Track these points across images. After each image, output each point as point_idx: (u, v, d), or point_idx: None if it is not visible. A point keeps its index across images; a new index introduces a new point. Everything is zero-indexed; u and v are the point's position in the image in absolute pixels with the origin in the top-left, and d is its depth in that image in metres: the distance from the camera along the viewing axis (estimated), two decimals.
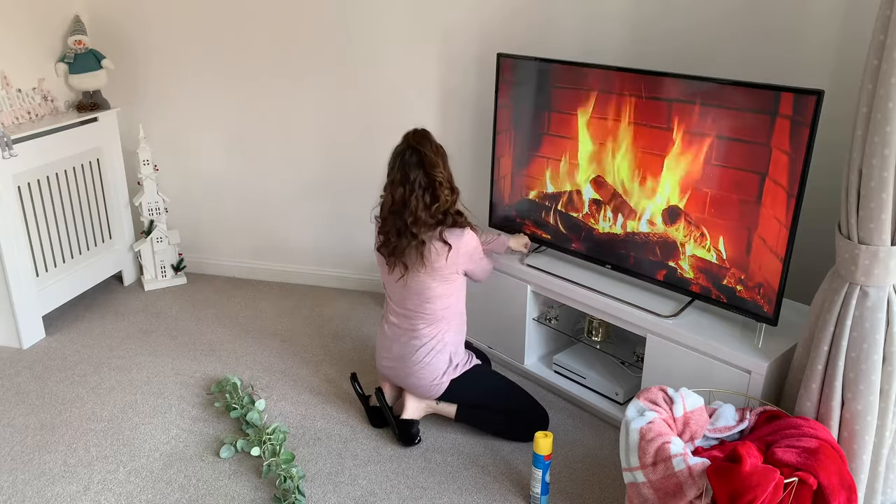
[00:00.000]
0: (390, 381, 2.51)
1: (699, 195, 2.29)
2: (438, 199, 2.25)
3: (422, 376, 2.36)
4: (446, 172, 2.29)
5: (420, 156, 2.23)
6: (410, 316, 2.36)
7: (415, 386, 2.39)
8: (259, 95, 3.39)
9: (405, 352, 2.37)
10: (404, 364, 2.38)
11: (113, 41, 3.44)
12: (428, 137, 2.30)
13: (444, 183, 2.26)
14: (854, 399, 1.89)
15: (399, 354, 2.39)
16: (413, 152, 2.24)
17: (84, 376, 2.83)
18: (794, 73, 2.39)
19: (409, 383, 2.40)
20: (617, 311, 2.44)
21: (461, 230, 2.29)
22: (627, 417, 1.92)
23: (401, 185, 2.25)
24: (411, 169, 2.23)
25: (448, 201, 2.27)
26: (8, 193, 2.86)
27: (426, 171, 2.24)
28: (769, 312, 2.16)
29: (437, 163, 2.25)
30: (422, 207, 2.23)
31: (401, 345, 2.38)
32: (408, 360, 2.36)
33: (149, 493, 2.22)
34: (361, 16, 3.14)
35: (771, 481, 1.65)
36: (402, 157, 2.26)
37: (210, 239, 3.73)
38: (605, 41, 2.77)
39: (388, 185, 2.30)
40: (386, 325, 2.44)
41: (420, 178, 2.23)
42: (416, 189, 2.23)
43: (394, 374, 2.44)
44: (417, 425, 2.44)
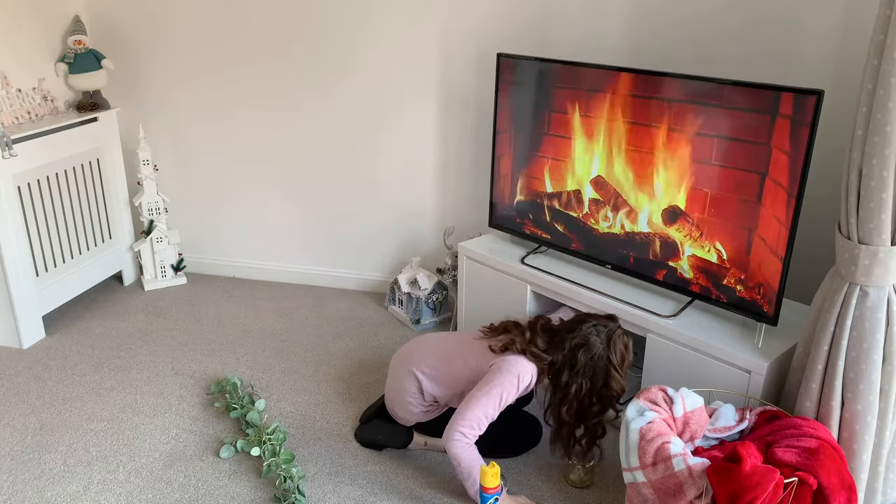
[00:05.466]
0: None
1: (699, 195, 2.29)
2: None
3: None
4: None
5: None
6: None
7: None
8: (259, 95, 3.39)
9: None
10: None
11: (113, 41, 3.45)
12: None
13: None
14: (854, 399, 1.89)
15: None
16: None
17: (84, 376, 2.83)
18: (794, 73, 2.40)
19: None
20: (617, 311, 2.44)
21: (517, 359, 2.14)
22: (627, 417, 1.92)
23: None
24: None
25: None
26: (8, 193, 2.86)
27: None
28: (769, 312, 2.16)
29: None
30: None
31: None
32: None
33: (149, 493, 2.22)
34: (361, 16, 3.14)
35: (771, 481, 1.65)
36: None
37: (210, 239, 3.73)
38: (605, 41, 2.77)
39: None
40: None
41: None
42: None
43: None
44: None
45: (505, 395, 2.10)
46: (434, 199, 3.35)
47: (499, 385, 2.10)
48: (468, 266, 2.93)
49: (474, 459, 2.11)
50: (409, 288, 3.23)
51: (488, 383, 2.12)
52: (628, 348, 2.15)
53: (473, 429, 2.10)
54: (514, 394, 2.11)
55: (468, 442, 2.10)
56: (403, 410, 2.35)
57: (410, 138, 3.28)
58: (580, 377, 2.10)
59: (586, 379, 2.11)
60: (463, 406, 2.12)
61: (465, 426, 2.09)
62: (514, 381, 2.10)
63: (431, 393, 2.29)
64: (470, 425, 2.09)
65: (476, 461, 2.10)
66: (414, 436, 2.38)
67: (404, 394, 2.32)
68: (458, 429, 2.09)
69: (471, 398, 2.12)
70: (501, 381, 2.10)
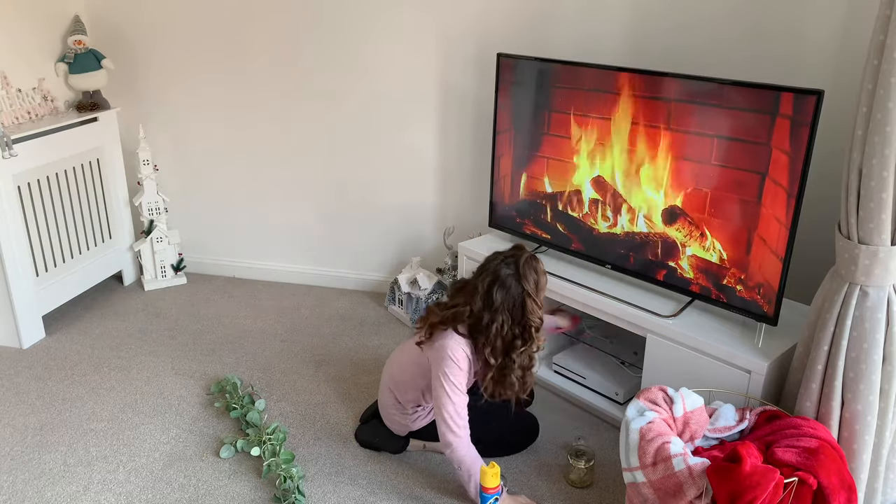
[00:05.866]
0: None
1: (699, 195, 2.29)
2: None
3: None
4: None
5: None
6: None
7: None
8: (259, 95, 3.39)
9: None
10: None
11: (113, 41, 3.45)
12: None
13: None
14: (854, 399, 1.89)
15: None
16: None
17: (84, 376, 2.83)
18: (795, 73, 2.40)
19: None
20: (617, 311, 2.44)
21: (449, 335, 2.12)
22: (627, 417, 1.92)
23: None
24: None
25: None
26: (8, 193, 2.86)
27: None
28: (769, 312, 2.16)
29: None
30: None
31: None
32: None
33: (149, 493, 2.22)
34: (361, 15, 3.14)
35: (771, 481, 1.65)
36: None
37: (210, 239, 3.73)
38: (605, 41, 2.77)
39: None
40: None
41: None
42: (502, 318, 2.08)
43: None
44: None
45: (453, 380, 2.09)
46: (434, 200, 3.35)
47: (441, 374, 2.09)
48: (468, 266, 2.93)
49: (474, 461, 2.11)
50: (409, 288, 3.23)
51: (434, 378, 2.12)
52: (539, 272, 2.12)
53: (455, 422, 2.09)
54: (459, 373, 2.09)
55: (461, 440, 2.10)
56: (392, 422, 2.38)
57: (411, 138, 3.28)
58: (500, 314, 2.07)
59: (506, 314, 2.07)
60: (435, 410, 2.15)
61: (448, 425, 2.10)
62: (449, 363, 2.09)
63: (407, 400, 2.31)
64: (451, 422, 2.09)
65: (476, 463, 2.11)
66: (410, 442, 2.39)
67: (388, 407, 2.36)
68: (445, 431, 2.10)
69: (434, 400, 2.14)
70: (441, 369, 2.10)
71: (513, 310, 2.08)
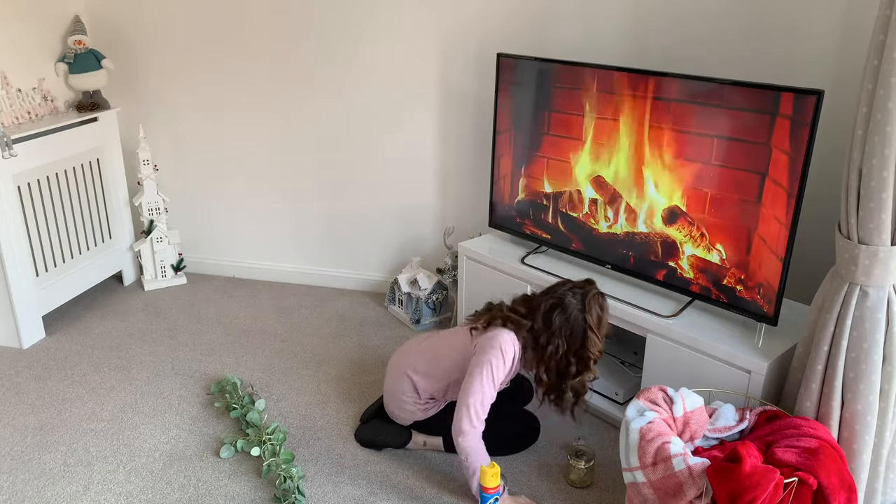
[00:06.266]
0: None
1: (699, 195, 2.29)
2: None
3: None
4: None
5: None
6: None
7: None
8: (259, 94, 3.39)
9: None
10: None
11: (113, 41, 3.45)
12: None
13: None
14: (854, 399, 1.89)
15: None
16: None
17: (84, 376, 2.83)
18: (795, 73, 2.40)
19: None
20: (617, 311, 2.44)
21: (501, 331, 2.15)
22: (627, 417, 1.92)
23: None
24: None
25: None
26: (8, 193, 2.86)
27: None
28: (769, 312, 2.16)
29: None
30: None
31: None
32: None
33: (149, 493, 2.22)
34: (361, 16, 3.14)
35: (771, 481, 1.65)
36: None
37: (210, 239, 3.73)
38: (605, 41, 2.77)
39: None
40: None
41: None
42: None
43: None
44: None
45: (494, 370, 2.10)
46: (434, 199, 3.35)
47: (485, 362, 2.11)
48: (468, 266, 2.93)
49: (481, 455, 2.12)
50: (409, 288, 3.23)
51: (476, 364, 2.13)
52: (604, 309, 2.16)
53: (477, 412, 2.10)
54: (502, 368, 2.12)
55: (475, 432, 2.11)
56: (401, 410, 2.36)
57: (410, 138, 3.28)
58: (556, 338, 2.10)
59: (563, 339, 2.11)
60: (461, 395, 2.13)
61: (469, 413, 2.10)
62: (498, 354, 2.11)
63: (426, 390, 2.30)
64: (473, 410, 2.10)
65: (482, 458, 2.11)
66: (413, 435, 2.39)
67: (401, 394, 2.34)
68: (463, 418, 2.10)
69: (465, 385, 2.14)
70: (487, 357, 2.11)
71: (570, 338, 2.11)
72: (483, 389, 2.10)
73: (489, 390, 2.11)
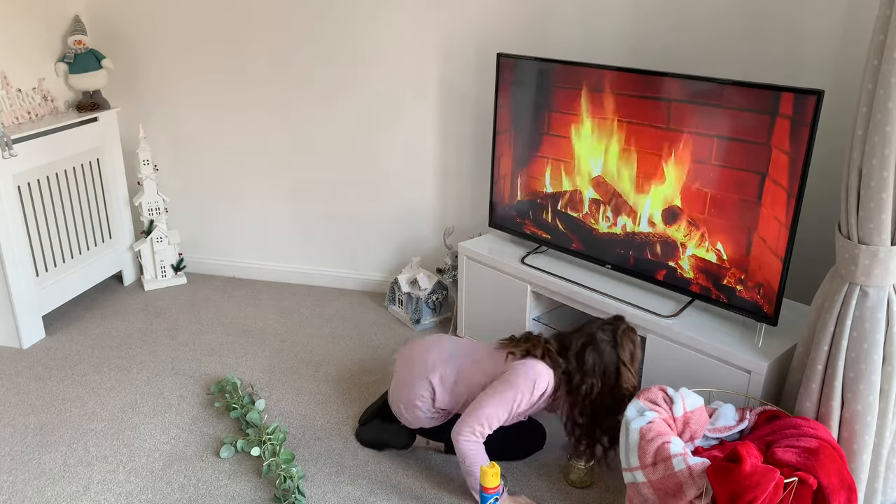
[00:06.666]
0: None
1: (699, 195, 2.29)
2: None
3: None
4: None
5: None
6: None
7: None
8: (258, 95, 3.39)
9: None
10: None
11: (113, 41, 3.45)
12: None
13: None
14: (854, 399, 1.89)
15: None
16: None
17: (84, 376, 2.83)
18: (795, 73, 2.40)
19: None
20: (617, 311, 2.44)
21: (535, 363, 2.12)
22: (627, 417, 1.92)
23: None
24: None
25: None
26: (8, 193, 2.86)
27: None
28: (769, 312, 2.16)
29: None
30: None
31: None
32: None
33: (149, 493, 2.22)
34: (361, 16, 3.14)
35: (771, 481, 1.65)
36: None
37: (210, 239, 3.73)
38: (605, 41, 2.77)
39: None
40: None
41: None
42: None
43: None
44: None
45: (519, 398, 2.08)
46: (434, 199, 3.35)
47: (514, 387, 2.08)
48: (468, 266, 2.93)
49: (480, 458, 2.11)
50: (409, 288, 3.23)
51: (503, 383, 2.10)
52: (636, 344, 2.14)
53: (483, 427, 2.09)
54: (527, 399, 2.09)
55: (477, 440, 2.10)
56: (410, 414, 2.29)
57: (410, 138, 3.28)
58: (590, 377, 2.09)
59: (597, 378, 2.09)
60: (475, 404, 2.11)
61: (474, 424, 2.08)
62: (529, 385, 2.08)
63: (443, 402, 2.25)
64: (480, 423, 2.08)
65: (481, 459, 2.10)
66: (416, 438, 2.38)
67: (415, 398, 2.26)
68: (468, 426, 2.09)
69: (484, 396, 2.11)
70: (517, 383, 2.09)
71: (604, 375, 2.09)
72: (497, 413, 2.08)
73: (503, 415, 2.09)
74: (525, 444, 2.39)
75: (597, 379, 2.09)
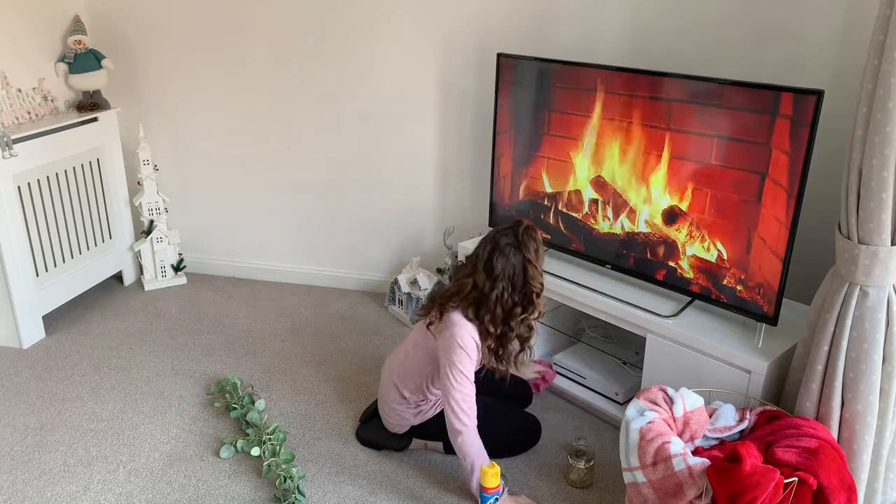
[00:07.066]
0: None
1: (699, 195, 2.29)
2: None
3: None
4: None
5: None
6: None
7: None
8: (259, 95, 3.39)
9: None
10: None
11: (113, 41, 3.45)
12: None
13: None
14: (854, 399, 1.89)
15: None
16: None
17: (84, 376, 2.83)
18: (795, 74, 2.40)
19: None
20: (617, 311, 2.44)
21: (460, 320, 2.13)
22: (627, 417, 1.92)
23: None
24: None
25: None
26: (8, 193, 2.86)
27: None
28: (769, 312, 2.16)
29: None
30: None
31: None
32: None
33: (149, 493, 2.22)
34: (361, 15, 3.14)
35: (771, 481, 1.65)
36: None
37: (210, 239, 3.73)
38: (606, 41, 2.77)
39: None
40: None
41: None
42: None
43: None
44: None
45: (462, 367, 2.10)
46: (434, 199, 3.35)
47: (451, 363, 2.11)
48: None
49: (479, 454, 2.12)
50: (409, 288, 3.23)
51: (444, 365, 2.14)
52: (538, 241, 2.16)
53: (463, 410, 2.11)
54: (468, 360, 2.11)
55: (468, 429, 2.11)
56: (395, 418, 2.36)
57: (411, 138, 3.28)
58: (500, 281, 2.10)
59: (507, 282, 2.10)
60: (443, 398, 2.16)
61: (455, 416, 2.11)
62: (459, 352, 2.10)
63: (411, 392, 2.30)
64: (456, 410, 2.11)
65: (481, 456, 2.12)
66: (413, 440, 2.39)
67: (392, 403, 2.34)
68: (453, 422, 2.12)
69: (442, 388, 2.16)
70: (450, 358, 2.11)
71: (513, 277, 2.11)
72: (458, 387, 2.11)
73: (464, 386, 2.12)
74: (521, 440, 2.40)
75: (507, 282, 2.10)
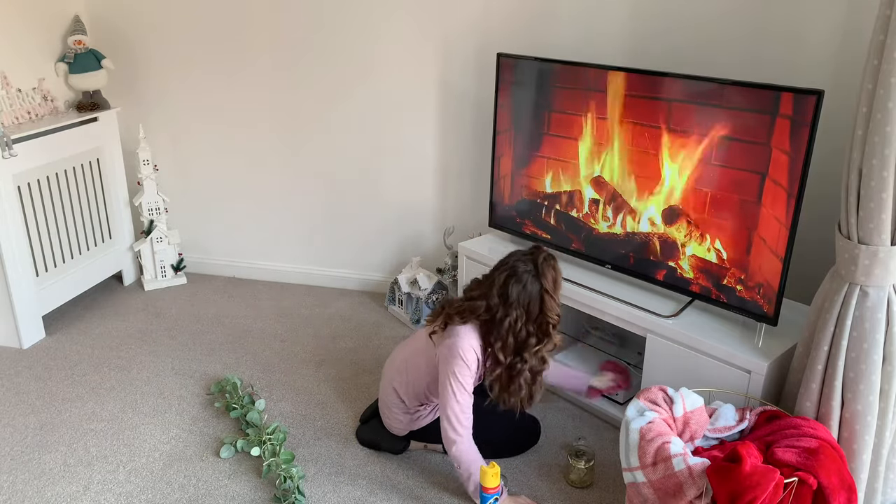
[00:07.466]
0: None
1: (699, 195, 2.29)
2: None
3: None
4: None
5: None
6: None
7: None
8: (259, 95, 3.39)
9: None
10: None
11: (113, 41, 3.44)
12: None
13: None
14: (854, 399, 1.89)
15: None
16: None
17: (84, 376, 2.83)
18: (795, 74, 2.40)
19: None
20: (617, 311, 2.44)
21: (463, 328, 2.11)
22: (627, 417, 1.92)
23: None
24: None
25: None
26: (8, 193, 2.86)
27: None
28: (769, 312, 2.16)
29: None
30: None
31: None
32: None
33: (149, 493, 2.22)
34: (362, 15, 3.14)
35: (771, 481, 1.65)
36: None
37: (210, 239, 3.73)
38: (606, 41, 2.77)
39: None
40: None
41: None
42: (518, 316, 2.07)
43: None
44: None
45: (461, 380, 2.09)
46: (434, 199, 3.35)
47: (450, 374, 2.09)
48: (468, 266, 2.93)
49: (473, 460, 2.11)
50: (409, 288, 3.23)
51: (443, 375, 2.12)
52: (558, 271, 2.11)
53: (459, 422, 2.10)
54: (468, 373, 2.09)
55: (462, 439, 2.10)
56: (394, 421, 2.36)
57: (410, 138, 3.28)
58: (515, 309, 2.05)
59: (521, 310, 2.06)
60: (440, 408, 2.15)
61: (447, 425, 2.11)
62: (459, 362, 2.08)
63: (410, 397, 2.29)
64: (452, 422, 2.10)
65: (475, 461, 2.11)
66: (411, 443, 2.39)
67: (391, 406, 2.34)
68: (445, 430, 2.11)
69: (440, 398, 2.14)
70: (450, 368, 2.09)
71: (529, 306, 2.06)
72: (457, 399, 2.09)
73: (462, 398, 2.10)
74: (520, 440, 2.40)
75: (521, 310, 2.06)
